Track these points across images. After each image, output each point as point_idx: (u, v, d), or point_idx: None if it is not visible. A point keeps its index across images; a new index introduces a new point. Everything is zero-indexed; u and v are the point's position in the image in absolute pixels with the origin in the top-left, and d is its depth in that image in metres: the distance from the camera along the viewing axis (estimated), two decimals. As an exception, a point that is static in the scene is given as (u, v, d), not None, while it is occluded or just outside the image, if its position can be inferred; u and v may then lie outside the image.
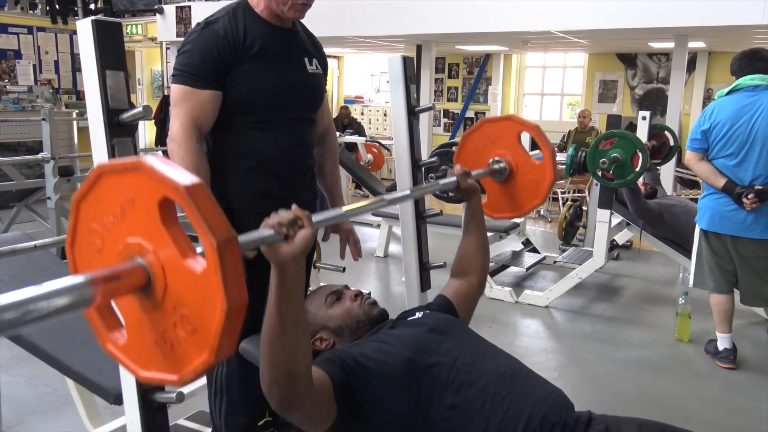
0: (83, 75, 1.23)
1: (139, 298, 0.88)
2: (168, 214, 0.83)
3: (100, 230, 0.90)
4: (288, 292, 1.14)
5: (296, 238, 1.10)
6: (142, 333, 0.90)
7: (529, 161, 1.90)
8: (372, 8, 6.50)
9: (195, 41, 1.65)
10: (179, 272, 0.83)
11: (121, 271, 0.84)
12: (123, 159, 0.84)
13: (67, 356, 2.22)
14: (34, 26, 9.80)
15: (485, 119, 1.98)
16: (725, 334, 3.34)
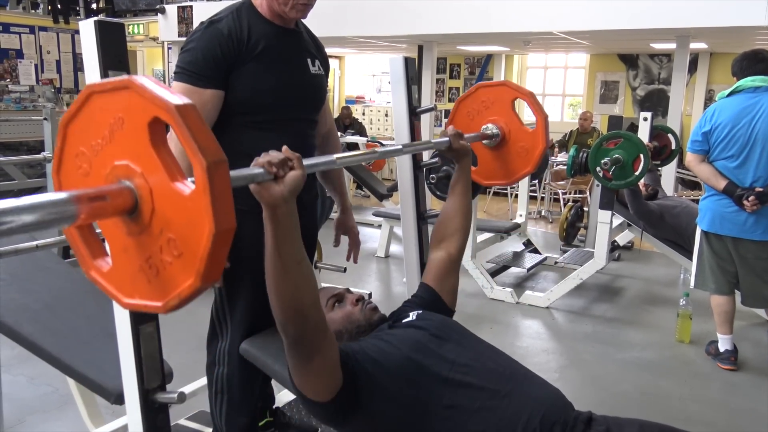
0: (86, 75, 1.24)
1: (125, 221, 0.86)
2: (158, 136, 0.82)
3: (87, 153, 0.88)
4: (283, 231, 1.17)
5: (286, 178, 1.12)
6: (127, 259, 0.88)
7: (522, 128, 1.91)
8: (373, 8, 6.50)
9: (199, 40, 1.64)
10: (167, 195, 0.82)
11: (108, 191, 0.83)
12: (113, 78, 0.82)
13: (68, 356, 2.23)
14: (36, 26, 9.80)
15: (480, 84, 1.99)
16: (726, 335, 3.34)
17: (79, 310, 2.52)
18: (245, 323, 1.77)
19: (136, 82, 0.79)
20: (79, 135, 0.87)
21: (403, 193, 2.16)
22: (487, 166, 1.95)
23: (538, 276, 5.05)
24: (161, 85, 0.79)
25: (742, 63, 3.19)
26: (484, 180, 1.99)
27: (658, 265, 5.34)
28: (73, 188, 0.86)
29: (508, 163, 1.93)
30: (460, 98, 1.98)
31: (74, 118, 0.87)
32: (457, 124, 1.93)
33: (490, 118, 1.91)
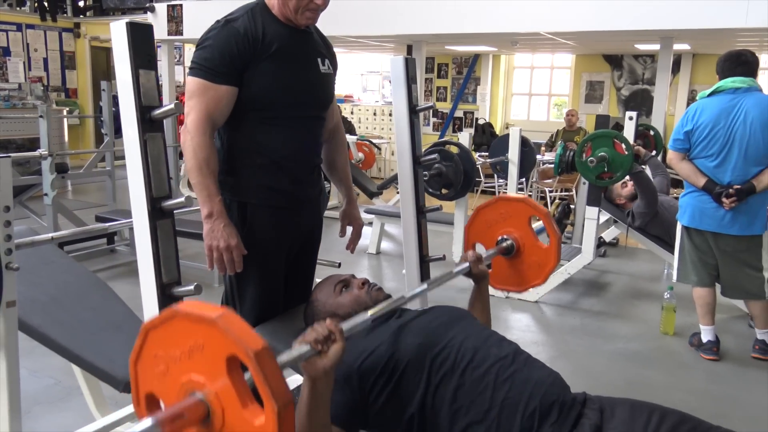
0: (117, 74, 1.31)
1: (197, 428, 0.98)
2: (234, 368, 0.93)
3: (164, 357, 1.00)
4: (318, 400, 1.25)
5: (330, 352, 1.21)
6: None
7: (536, 243, 1.99)
8: (363, 9, 6.57)
9: (215, 38, 1.70)
10: (237, 416, 0.93)
11: (185, 408, 0.95)
12: (199, 308, 0.93)
13: (77, 346, 2.29)
14: (23, 23, 9.79)
15: (500, 197, 2.08)
16: (708, 326, 3.46)
17: (85, 302, 2.58)
18: (255, 311, 1.85)
19: (220, 323, 0.91)
20: (159, 342, 0.99)
21: (403, 189, 2.25)
22: (501, 273, 2.05)
23: (526, 271, 5.15)
24: (242, 325, 0.91)
25: (725, 64, 3.28)
26: (496, 285, 2.09)
27: (643, 261, 5.47)
28: (149, 382, 1.02)
29: (520, 273, 2.02)
30: (479, 207, 2.08)
31: (157, 328, 1.00)
32: (474, 230, 2.05)
33: (506, 230, 2.00)
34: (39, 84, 9.62)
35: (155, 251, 1.40)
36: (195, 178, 1.69)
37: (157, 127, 1.33)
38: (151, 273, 1.43)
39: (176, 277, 1.48)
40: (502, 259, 2.02)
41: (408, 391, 1.46)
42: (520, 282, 2.03)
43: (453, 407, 1.44)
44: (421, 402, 1.45)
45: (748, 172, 3.17)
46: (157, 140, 1.33)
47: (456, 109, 10.12)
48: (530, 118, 9.94)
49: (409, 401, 1.45)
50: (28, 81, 9.54)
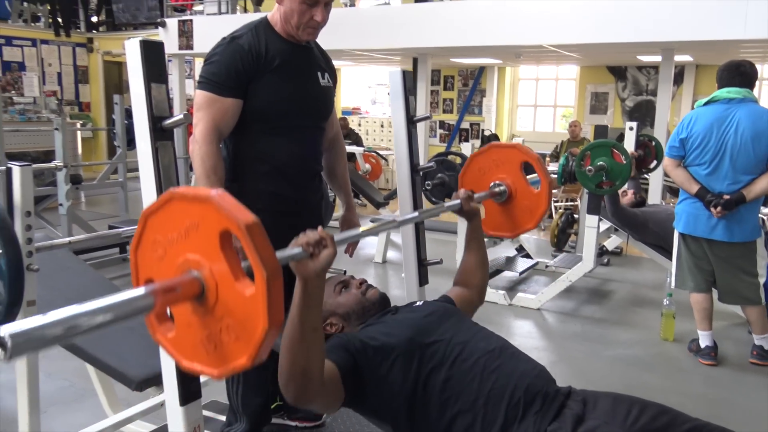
0: (131, 87, 1.42)
1: (192, 303, 1.03)
2: (226, 243, 0.99)
3: (162, 242, 1.05)
4: (310, 301, 1.32)
5: (320, 256, 1.28)
6: (190, 332, 1.05)
7: (528, 189, 2.07)
8: (370, 22, 6.72)
9: (222, 54, 1.83)
10: (230, 290, 0.99)
11: (179, 283, 1.00)
12: (194, 189, 1.00)
13: (92, 347, 2.39)
14: (38, 39, 10.01)
15: (492, 144, 2.16)
16: (706, 331, 3.52)
17: (99, 306, 2.69)
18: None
19: (214, 200, 0.97)
20: (157, 227, 1.05)
21: (401, 196, 2.35)
22: (494, 219, 2.13)
23: (530, 280, 5.24)
24: (234, 202, 0.97)
25: (723, 74, 3.35)
26: (489, 231, 2.16)
27: (646, 270, 5.53)
28: (149, 267, 1.07)
29: (513, 218, 2.09)
30: (473, 154, 2.15)
31: (155, 213, 1.05)
32: (469, 178, 2.12)
33: (499, 176, 2.08)
34: (53, 98, 9.83)
35: None
36: (203, 185, 1.79)
37: (167, 135, 1.44)
38: None
39: None
40: (495, 206, 2.09)
41: (398, 380, 1.54)
42: (513, 227, 2.10)
43: (442, 397, 1.53)
44: (411, 391, 1.54)
45: (738, 181, 3.25)
46: (168, 148, 1.44)
47: (462, 120, 10.23)
48: (536, 129, 10.03)
49: (399, 390, 1.54)
50: (43, 95, 9.75)
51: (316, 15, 1.84)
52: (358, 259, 5.79)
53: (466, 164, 2.15)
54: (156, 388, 2.36)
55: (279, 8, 1.88)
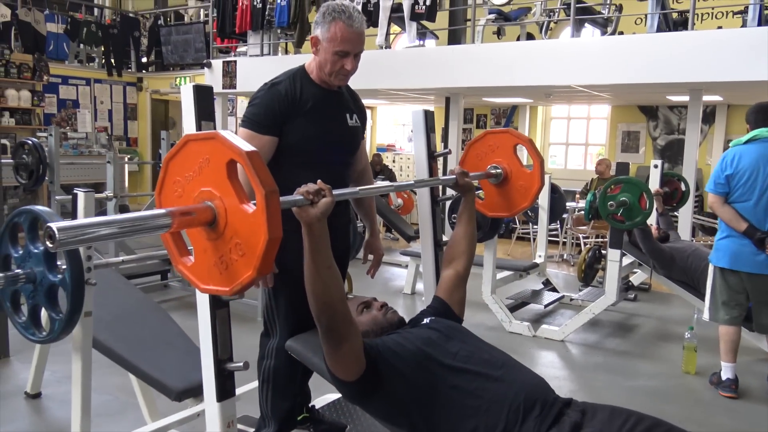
0: (183, 124, 1.66)
1: (206, 230, 1.24)
2: (232, 172, 1.19)
3: (182, 181, 1.26)
4: (317, 243, 1.55)
5: (320, 203, 1.51)
6: (205, 257, 1.25)
7: (522, 169, 2.28)
8: (404, 63, 7.00)
9: (262, 98, 2.10)
10: (237, 212, 1.18)
11: (194, 209, 1.20)
12: (204, 131, 1.22)
13: (136, 359, 2.63)
14: (92, 78, 10.61)
15: (487, 131, 2.39)
16: (730, 363, 3.59)
17: (144, 323, 2.94)
18: (290, 324, 2.15)
19: (219, 135, 1.19)
20: (177, 168, 1.26)
21: (422, 224, 2.54)
22: (492, 201, 2.33)
23: (555, 313, 5.32)
24: (236, 138, 1.18)
25: (757, 115, 3.54)
26: (488, 212, 2.36)
27: (674, 306, 5.57)
28: (170, 206, 1.26)
29: (509, 198, 2.30)
30: (470, 142, 2.37)
31: (174, 157, 1.27)
32: (468, 164, 2.33)
33: (495, 160, 2.30)
34: (104, 133, 10.37)
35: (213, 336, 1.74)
36: None
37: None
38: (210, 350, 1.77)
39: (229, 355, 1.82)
40: (493, 188, 2.28)
41: (409, 387, 1.71)
42: (510, 206, 2.29)
43: (449, 404, 1.69)
44: (420, 398, 1.71)
45: None
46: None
47: (495, 158, 10.39)
48: (567, 167, 10.14)
49: (408, 397, 1.71)
50: (95, 131, 10.29)
51: (347, 64, 2.10)
52: (388, 290, 5.97)
53: (465, 151, 2.37)
54: (193, 399, 2.57)
55: (315, 58, 2.16)
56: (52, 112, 9.88)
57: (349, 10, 2.09)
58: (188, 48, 9.58)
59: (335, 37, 2.06)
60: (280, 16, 7.49)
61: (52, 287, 1.92)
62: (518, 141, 2.30)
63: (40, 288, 1.92)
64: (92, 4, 10.89)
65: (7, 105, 8.82)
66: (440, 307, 2.08)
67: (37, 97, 9.34)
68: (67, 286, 1.91)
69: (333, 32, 2.06)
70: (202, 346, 1.80)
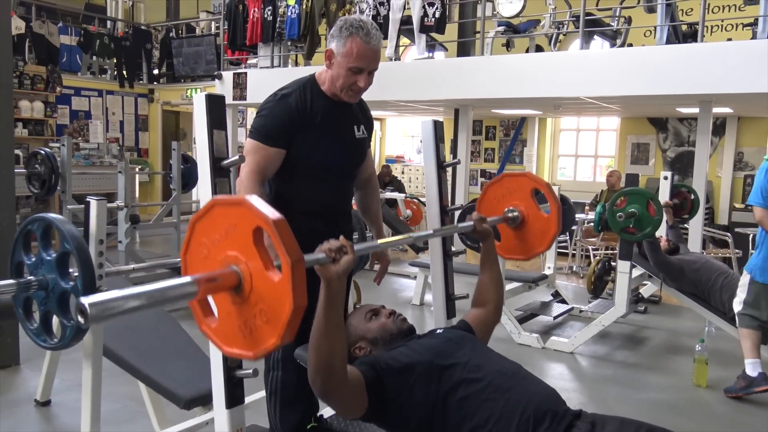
0: (196, 133, 1.68)
1: (231, 294, 1.23)
2: (258, 238, 1.19)
3: (207, 243, 1.26)
4: (333, 301, 1.52)
5: (341, 261, 1.48)
6: (229, 320, 1.24)
7: (539, 213, 2.25)
8: (414, 75, 7.04)
9: (272, 108, 2.10)
10: (262, 279, 1.17)
11: (219, 274, 1.19)
12: (231, 196, 1.22)
13: (146, 367, 2.63)
14: (104, 90, 10.72)
15: (505, 174, 2.37)
16: (757, 359, 3.59)
17: (153, 331, 2.95)
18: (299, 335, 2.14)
19: (247, 202, 1.18)
20: (203, 230, 1.26)
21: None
22: (508, 243, 2.31)
23: (565, 325, 5.30)
24: (264, 204, 1.17)
25: None
26: (504, 254, 2.35)
27: (684, 318, 5.53)
28: (195, 267, 1.26)
29: (526, 242, 2.28)
30: (488, 184, 2.36)
31: (200, 219, 1.27)
32: (485, 205, 2.33)
33: (512, 202, 2.28)
34: (115, 144, 10.45)
35: None
36: None
37: (225, 173, 1.69)
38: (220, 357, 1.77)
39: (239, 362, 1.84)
40: (510, 231, 2.26)
41: (419, 398, 1.71)
42: (526, 250, 2.27)
43: (459, 414, 1.69)
44: (431, 409, 1.70)
45: None
46: (225, 184, 1.69)
47: (503, 169, 10.41)
48: (577, 179, 10.13)
49: (420, 408, 1.71)
50: (106, 141, 10.38)
51: (360, 81, 2.10)
52: (396, 301, 5.96)
53: (482, 193, 2.35)
54: (202, 408, 2.58)
55: (327, 71, 2.14)
56: (65, 123, 9.98)
57: (367, 27, 2.07)
58: (199, 60, 9.67)
59: (351, 53, 2.05)
60: (291, 29, 7.56)
61: (63, 294, 1.94)
62: (536, 185, 2.29)
63: (52, 295, 1.94)
64: (105, 16, 11.02)
65: (21, 116, 8.92)
66: (463, 326, 2.07)
67: (50, 108, 9.44)
68: (79, 293, 1.93)
69: (349, 47, 2.04)
70: (211, 353, 1.81)
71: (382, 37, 2.25)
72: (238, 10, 7.99)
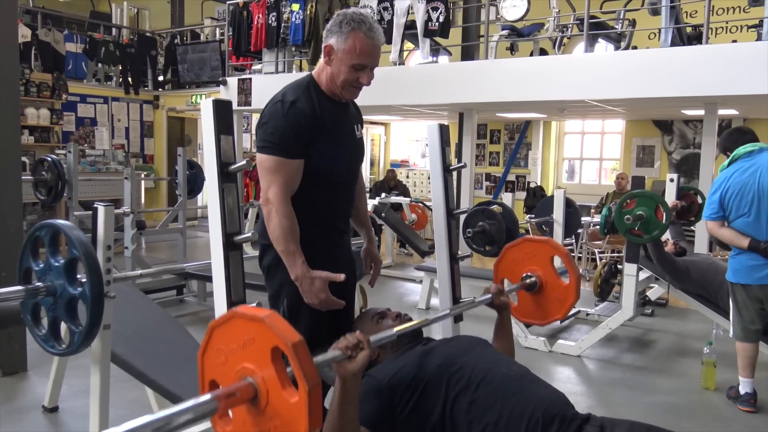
0: (203, 138, 1.68)
1: (246, 405, 1.22)
2: (276, 357, 1.19)
3: (224, 350, 1.26)
4: (348, 397, 1.52)
5: (358, 358, 1.48)
6: (244, 428, 1.24)
7: (558, 281, 2.23)
8: (418, 80, 7.05)
9: (285, 118, 1.95)
10: (278, 396, 1.18)
11: (237, 388, 1.20)
12: (252, 310, 1.21)
13: (153, 372, 2.64)
14: (110, 96, 10.77)
15: (525, 238, 2.35)
16: (748, 378, 3.54)
17: (161, 337, 2.96)
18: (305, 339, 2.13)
19: (267, 321, 1.19)
20: (221, 338, 1.27)
21: (438, 238, 2.54)
22: (525, 307, 2.31)
23: (572, 328, 5.28)
24: (284, 324, 1.18)
25: (733, 137, 3.68)
26: (520, 317, 2.35)
27: (691, 321, 5.50)
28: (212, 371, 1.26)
29: (543, 307, 2.27)
30: (507, 246, 2.35)
31: (220, 326, 1.27)
32: (503, 267, 2.33)
33: (530, 267, 2.28)
34: (121, 150, 10.50)
35: (227, 276, 1.74)
36: (282, 246, 1.94)
37: (232, 178, 1.69)
38: (223, 294, 1.76)
39: (242, 298, 1.81)
40: (527, 295, 2.25)
41: (429, 404, 1.71)
42: (543, 316, 2.26)
43: (468, 418, 1.69)
44: (440, 414, 1.70)
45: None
46: (232, 188, 1.70)
47: (508, 173, 10.41)
48: (582, 182, 10.12)
49: (430, 413, 1.71)
50: (112, 148, 10.42)
51: (362, 78, 2.01)
52: (402, 305, 5.95)
53: (501, 255, 2.34)
54: (210, 413, 2.58)
55: (325, 68, 2.05)
56: (71, 130, 10.03)
57: (369, 21, 1.98)
58: (204, 66, 9.71)
59: (353, 49, 1.95)
60: (295, 34, 7.58)
61: (71, 300, 1.95)
62: (556, 252, 2.28)
63: (60, 301, 1.95)
64: (110, 24, 11.08)
65: (27, 123, 8.97)
66: None
67: (56, 115, 9.49)
68: (87, 299, 1.93)
69: (351, 44, 1.95)
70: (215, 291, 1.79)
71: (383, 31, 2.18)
72: (243, 16, 8.02)
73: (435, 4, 6.66)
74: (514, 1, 6.53)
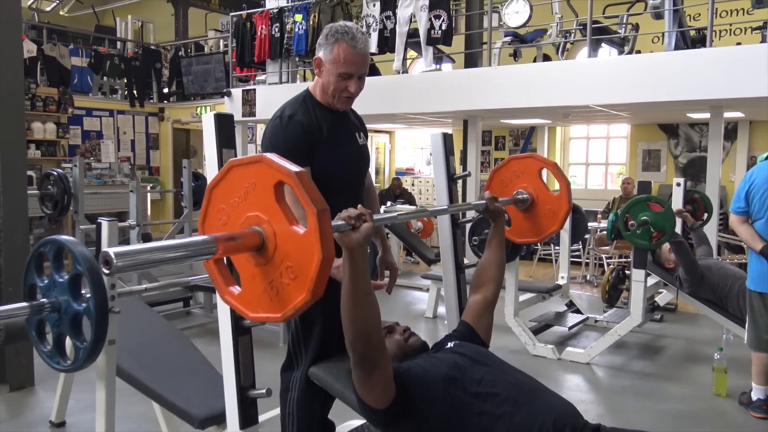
0: (205, 151, 1.68)
1: (253, 256, 1.19)
2: (280, 194, 1.16)
3: (226, 209, 1.22)
4: (357, 268, 1.51)
5: (361, 228, 1.48)
6: (254, 283, 1.20)
7: (548, 193, 2.25)
8: (422, 88, 7.05)
9: (284, 132, 2.05)
10: (287, 234, 1.14)
11: (239, 234, 1.16)
12: (247, 156, 1.18)
13: (159, 386, 2.62)
14: (115, 110, 10.81)
15: (511, 157, 2.35)
16: (761, 386, 3.49)
17: (167, 350, 2.94)
18: (315, 351, 2.13)
19: (266, 157, 1.16)
20: (221, 196, 1.22)
21: (443, 246, 2.53)
22: (520, 227, 2.30)
23: (580, 335, 5.25)
24: (282, 159, 1.15)
25: None
26: (516, 238, 2.33)
27: (701, 326, 5.46)
28: (216, 232, 1.21)
29: (537, 223, 2.27)
30: (494, 168, 2.35)
31: (217, 185, 1.23)
32: (493, 190, 2.30)
33: (520, 185, 2.27)
34: (127, 163, 10.53)
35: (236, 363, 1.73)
36: None
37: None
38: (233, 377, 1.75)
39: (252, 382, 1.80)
40: (520, 214, 2.24)
41: (436, 414, 1.69)
42: (538, 231, 2.24)
43: (476, 429, 1.67)
44: (447, 424, 1.68)
45: None
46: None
47: (514, 179, 10.36)
48: (588, 187, 10.07)
49: (437, 422, 1.69)
50: (118, 161, 10.45)
51: (350, 86, 2.09)
52: (409, 314, 5.93)
53: (489, 179, 2.34)
54: (216, 427, 2.56)
55: (318, 80, 2.13)
56: (77, 144, 10.07)
57: (353, 31, 2.06)
58: (208, 78, 9.74)
59: (338, 59, 2.04)
60: (298, 45, 7.60)
61: (76, 316, 1.93)
62: (543, 165, 2.28)
63: (64, 317, 1.93)
64: (115, 37, 11.14)
65: (33, 137, 9.00)
66: (466, 331, 2.06)
67: (62, 129, 9.53)
68: (92, 315, 1.92)
69: (336, 54, 2.04)
70: (224, 373, 1.80)
71: (369, 40, 2.21)
72: (246, 27, 8.05)
73: (437, 12, 6.66)
74: (516, 7, 6.53)
